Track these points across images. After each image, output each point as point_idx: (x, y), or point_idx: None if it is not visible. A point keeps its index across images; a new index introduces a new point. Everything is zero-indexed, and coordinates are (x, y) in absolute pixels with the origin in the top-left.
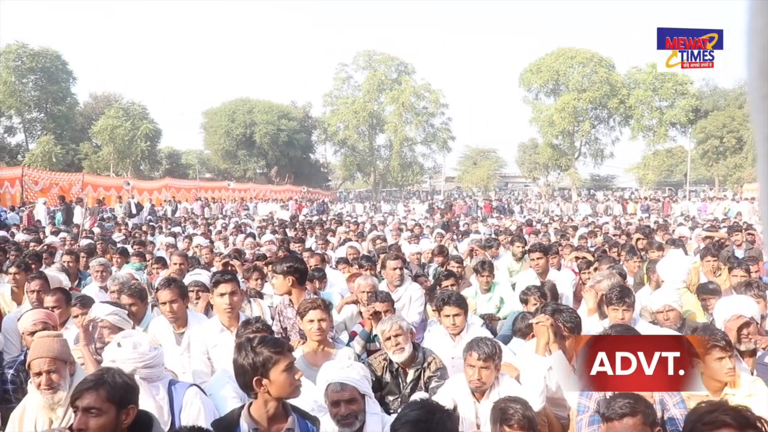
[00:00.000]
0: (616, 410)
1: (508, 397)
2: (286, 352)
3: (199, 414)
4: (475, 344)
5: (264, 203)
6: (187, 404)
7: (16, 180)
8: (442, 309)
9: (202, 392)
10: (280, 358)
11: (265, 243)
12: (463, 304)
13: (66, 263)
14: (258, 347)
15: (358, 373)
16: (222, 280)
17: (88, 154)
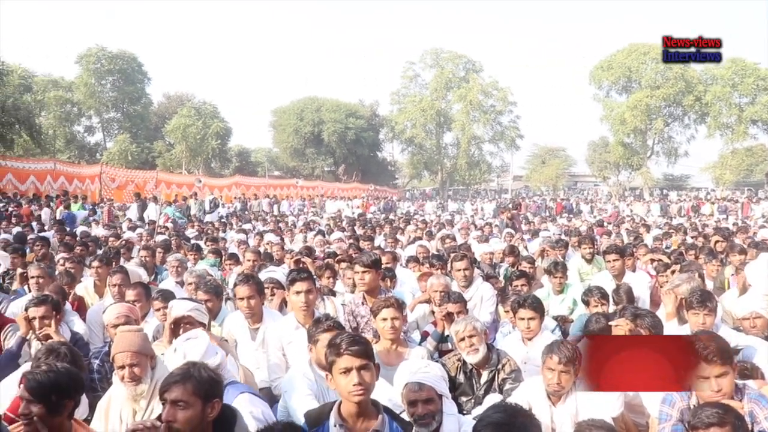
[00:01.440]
0: (703, 419)
1: (591, 421)
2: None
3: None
4: (555, 347)
5: (332, 201)
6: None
7: (96, 177)
8: (517, 311)
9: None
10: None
11: (334, 241)
12: (539, 308)
13: (143, 258)
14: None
15: (436, 374)
16: (298, 278)
17: (161, 152)
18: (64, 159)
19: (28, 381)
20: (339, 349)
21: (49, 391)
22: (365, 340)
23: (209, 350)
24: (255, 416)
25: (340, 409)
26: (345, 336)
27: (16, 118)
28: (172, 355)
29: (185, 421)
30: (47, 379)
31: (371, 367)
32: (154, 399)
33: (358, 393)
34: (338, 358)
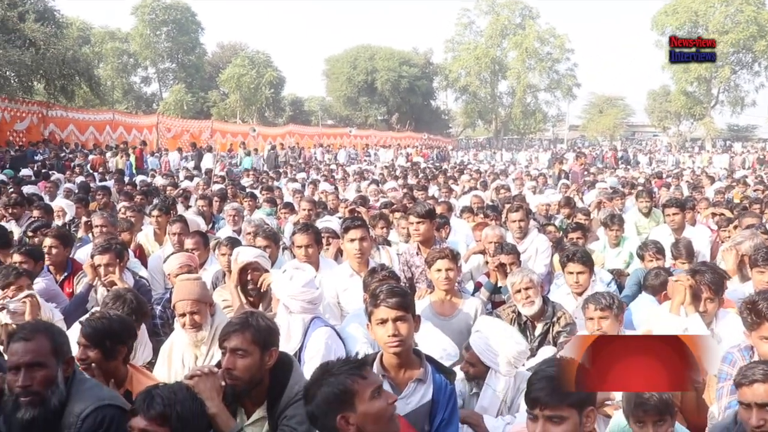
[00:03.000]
0: (748, 375)
1: None
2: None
3: (315, 355)
4: (591, 297)
5: (385, 150)
6: (310, 343)
7: (153, 127)
8: (565, 266)
9: (337, 336)
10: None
11: (388, 190)
12: (588, 262)
13: (200, 207)
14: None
15: (486, 342)
16: (352, 226)
17: (216, 102)
18: (122, 110)
19: (84, 328)
20: (377, 300)
21: (103, 337)
22: (404, 292)
23: (311, 282)
24: (328, 347)
25: (382, 359)
26: (385, 287)
27: (76, 70)
28: (280, 275)
29: (244, 369)
30: (101, 326)
31: (408, 318)
32: (213, 345)
33: (393, 344)
34: (376, 308)
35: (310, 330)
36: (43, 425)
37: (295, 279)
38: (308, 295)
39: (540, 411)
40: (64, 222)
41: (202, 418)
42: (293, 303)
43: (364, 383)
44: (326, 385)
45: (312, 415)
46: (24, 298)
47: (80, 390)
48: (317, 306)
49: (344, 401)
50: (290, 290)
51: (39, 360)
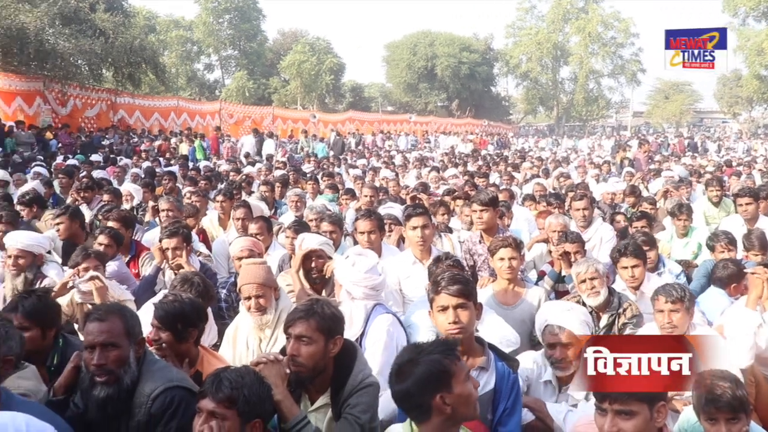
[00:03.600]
0: None
1: (716, 371)
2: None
3: (376, 342)
4: (661, 289)
5: (445, 136)
6: (372, 330)
7: (215, 113)
8: (618, 261)
9: (399, 324)
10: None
11: (449, 177)
12: (641, 254)
13: (263, 193)
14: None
15: (578, 318)
16: (414, 214)
17: (277, 89)
18: (185, 96)
19: (157, 310)
20: (438, 287)
21: (175, 319)
22: (465, 279)
23: (374, 269)
24: (390, 335)
25: None
26: (446, 274)
27: (143, 58)
28: (342, 261)
29: (308, 356)
30: (173, 309)
31: (470, 306)
32: (278, 328)
33: (454, 331)
34: (437, 295)
35: (372, 316)
36: (116, 402)
37: (358, 265)
38: (371, 282)
39: (609, 405)
40: (132, 206)
41: (268, 403)
42: (356, 289)
43: (460, 365)
44: (424, 363)
45: (407, 393)
46: (88, 280)
47: (151, 370)
48: (380, 292)
49: (443, 381)
50: (353, 276)
51: (112, 340)
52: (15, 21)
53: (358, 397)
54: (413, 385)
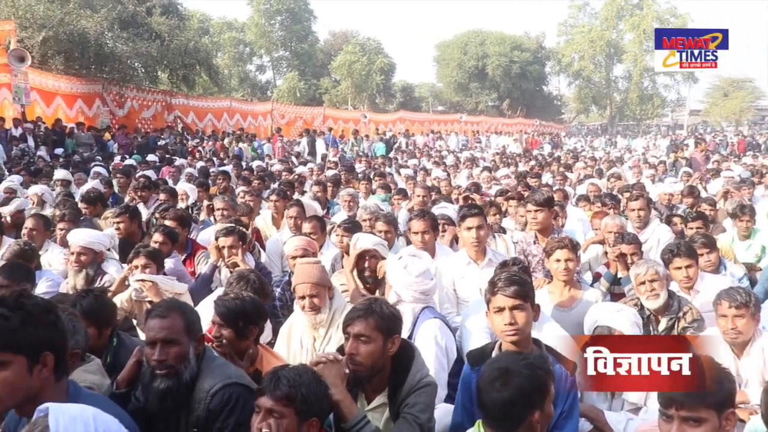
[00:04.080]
0: None
1: None
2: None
3: (422, 346)
4: (724, 293)
5: (497, 136)
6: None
7: (267, 114)
8: (671, 261)
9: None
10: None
11: (501, 177)
12: (693, 254)
13: (315, 193)
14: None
15: (629, 319)
16: (469, 214)
17: (328, 89)
18: (238, 97)
19: (218, 307)
20: (494, 288)
21: (236, 317)
22: (523, 281)
23: (427, 272)
24: (437, 342)
25: (501, 348)
26: (504, 275)
27: (197, 60)
28: (395, 262)
29: (367, 355)
30: (235, 306)
31: (526, 307)
32: (332, 327)
33: (510, 333)
34: (493, 296)
35: (420, 320)
36: (175, 395)
37: (410, 268)
38: (421, 286)
39: (676, 411)
40: (187, 205)
41: (326, 402)
42: (405, 292)
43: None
44: (528, 377)
45: (509, 402)
46: (138, 280)
47: (210, 367)
48: (429, 297)
49: (542, 397)
50: (404, 279)
51: (173, 337)
52: (77, 26)
53: (416, 397)
54: (518, 396)
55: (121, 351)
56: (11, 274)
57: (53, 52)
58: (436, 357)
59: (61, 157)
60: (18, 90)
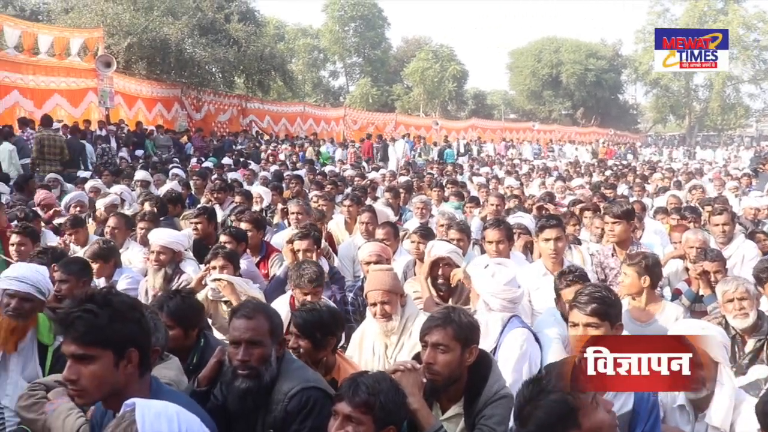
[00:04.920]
0: None
1: None
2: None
3: (510, 356)
4: None
5: (571, 145)
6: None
7: (340, 119)
8: (765, 283)
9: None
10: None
11: (576, 187)
12: None
13: (388, 199)
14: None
15: (715, 339)
16: (548, 225)
17: (400, 95)
18: (311, 102)
19: (296, 318)
20: (574, 302)
21: (314, 327)
22: (603, 299)
23: (513, 281)
24: (523, 351)
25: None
26: (588, 290)
27: (272, 66)
28: (482, 271)
29: (444, 365)
30: (312, 318)
31: (603, 326)
32: (404, 335)
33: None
34: (572, 310)
35: (507, 329)
36: (255, 396)
37: (498, 276)
38: (510, 294)
39: None
40: (262, 207)
41: (403, 411)
42: (494, 300)
43: (584, 397)
44: (544, 406)
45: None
46: (214, 281)
47: (289, 370)
48: (517, 305)
49: (569, 420)
50: (492, 287)
51: (258, 338)
52: (159, 33)
53: (493, 409)
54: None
55: (206, 351)
56: (68, 268)
57: (137, 57)
58: (520, 366)
59: (141, 158)
60: (103, 94)
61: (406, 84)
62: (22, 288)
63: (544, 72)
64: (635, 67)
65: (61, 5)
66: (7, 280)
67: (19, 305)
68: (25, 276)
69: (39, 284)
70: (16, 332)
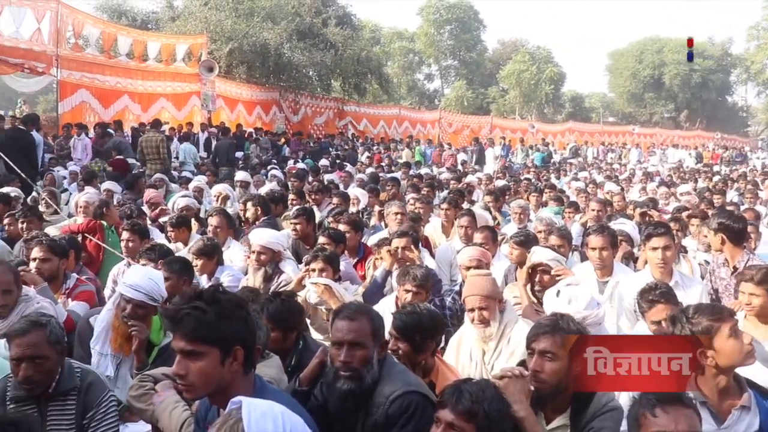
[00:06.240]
0: None
1: None
2: (727, 316)
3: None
4: None
5: (674, 149)
6: None
7: (435, 122)
8: None
9: None
10: (721, 324)
11: (682, 193)
12: None
13: (486, 203)
14: (695, 317)
15: None
16: (655, 234)
17: (495, 98)
18: (407, 105)
19: (396, 320)
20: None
21: (413, 330)
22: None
23: (593, 302)
24: None
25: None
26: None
27: (368, 69)
28: (553, 299)
29: (552, 373)
30: (412, 321)
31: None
32: (502, 341)
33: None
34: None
35: None
36: (356, 400)
37: (575, 303)
38: (592, 319)
39: None
40: (358, 209)
41: (507, 421)
42: None
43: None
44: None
45: None
46: (314, 283)
47: (390, 373)
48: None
49: None
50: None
51: (360, 340)
52: (259, 38)
53: (602, 421)
54: None
55: (305, 353)
56: (170, 267)
57: (237, 62)
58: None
59: (241, 160)
60: (206, 97)
61: (502, 87)
62: (136, 296)
63: (646, 73)
64: (746, 66)
65: (168, 14)
66: (123, 286)
67: (133, 312)
68: (139, 285)
69: (152, 292)
70: (131, 339)
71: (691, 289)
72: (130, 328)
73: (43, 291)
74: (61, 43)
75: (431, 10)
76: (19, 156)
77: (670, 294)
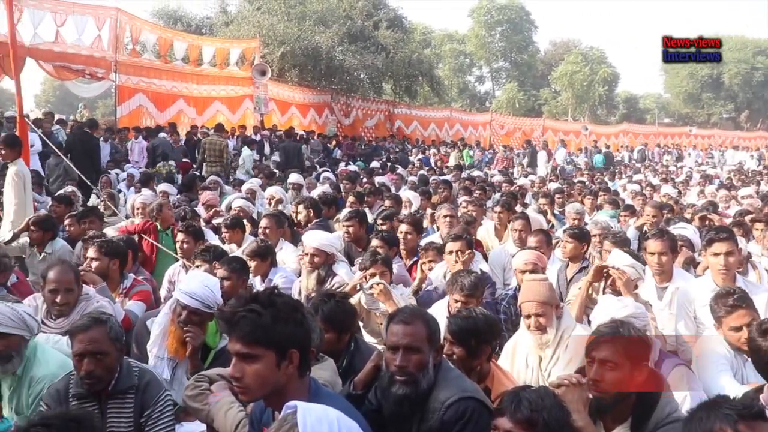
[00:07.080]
0: None
1: None
2: None
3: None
4: None
5: (734, 151)
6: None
7: (486, 124)
8: None
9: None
10: None
11: (743, 197)
12: None
13: (541, 206)
14: None
15: None
16: (717, 239)
17: (547, 100)
18: (457, 107)
19: (451, 325)
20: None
21: (469, 335)
22: None
23: (642, 314)
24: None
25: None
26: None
27: (419, 71)
28: (606, 303)
29: (612, 382)
30: (467, 325)
31: None
32: (559, 347)
33: None
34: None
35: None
36: (411, 405)
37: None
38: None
39: None
40: (410, 212)
41: (567, 429)
42: None
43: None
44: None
45: None
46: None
47: (446, 378)
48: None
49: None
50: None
51: (416, 344)
52: (311, 42)
53: None
54: None
55: (356, 355)
56: (229, 266)
57: (289, 65)
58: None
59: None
60: (258, 100)
61: (554, 88)
62: (191, 303)
63: (704, 73)
64: None
65: (222, 18)
66: (180, 293)
67: (188, 318)
68: (195, 293)
69: (207, 300)
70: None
71: (756, 297)
72: (185, 333)
73: (102, 290)
74: (119, 49)
75: (482, 12)
76: (83, 158)
77: (749, 299)
